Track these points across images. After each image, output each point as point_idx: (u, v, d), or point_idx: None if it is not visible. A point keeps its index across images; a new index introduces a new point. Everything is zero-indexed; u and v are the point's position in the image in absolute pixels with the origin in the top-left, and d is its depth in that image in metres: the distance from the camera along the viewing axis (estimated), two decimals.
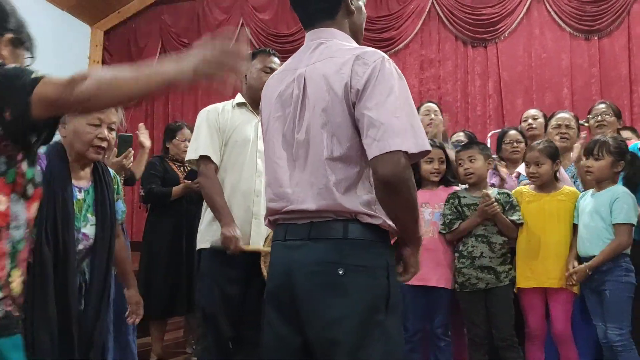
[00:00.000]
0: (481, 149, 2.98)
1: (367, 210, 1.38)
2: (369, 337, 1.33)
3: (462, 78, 6.05)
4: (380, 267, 1.38)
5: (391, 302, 1.37)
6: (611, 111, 3.38)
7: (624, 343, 2.54)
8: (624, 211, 2.60)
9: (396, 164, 1.29)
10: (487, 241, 2.83)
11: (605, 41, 5.70)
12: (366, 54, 1.40)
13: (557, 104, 5.55)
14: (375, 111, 1.33)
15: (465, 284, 2.82)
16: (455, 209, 2.92)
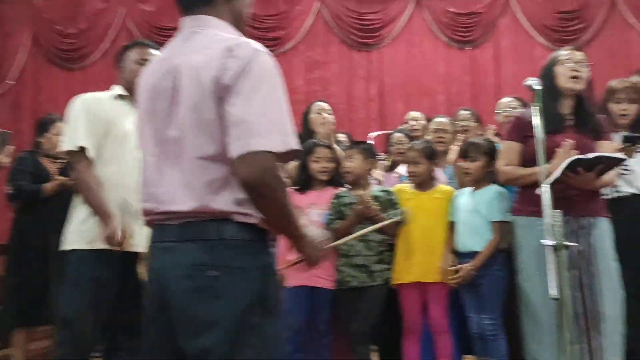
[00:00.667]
0: (361, 148, 3.05)
1: (241, 209, 1.32)
2: (243, 341, 1.28)
3: (347, 81, 6.22)
4: (255, 267, 1.33)
5: (269, 303, 1.33)
6: (473, 117, 3.68)
7: (495, 332, 2.73)
8: (500, 209, 2.80)
9: (257, 165, 1.24)
10: (364, 239, 2.89)
11: (476, 52, 6.15)
12: (239, 46, 1.32)
13: (434, 109, 5.89)
14: (240, 108, 1.26)
15: (341, 281, 2.88)
16: (337, 209, 2.97)
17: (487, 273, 2.77)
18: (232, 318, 1.28)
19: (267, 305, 1.32)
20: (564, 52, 2.67)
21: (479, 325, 2.77)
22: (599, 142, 2.58)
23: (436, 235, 2.94)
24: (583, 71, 2.58)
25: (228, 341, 1.27)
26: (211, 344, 1.27)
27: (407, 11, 6.13)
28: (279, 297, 1.41)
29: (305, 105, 6.03)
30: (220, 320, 1.27)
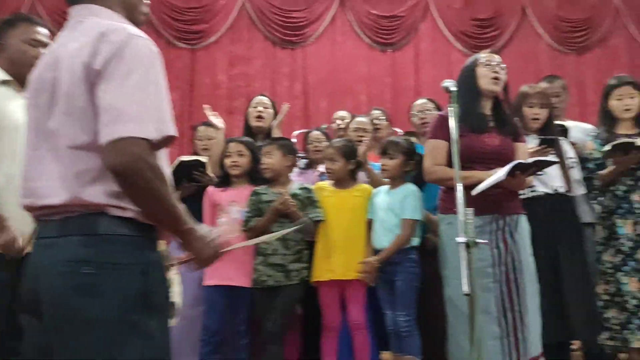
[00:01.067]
0: (280, 144, 3.03)
1: (116, 202, 1.26)
2: (124, 341, 1.22)
3: (271, 78, 6.18)
4: (136, 263, 1.27)
5: (152, 301, 1.27)
6: (384, 116, 3.79)
7: (409, 328, 2.79)
8: (411, 207, 2.86)
9: (127, 152, 1.19)
10: (282, 238, 2.86)
11: (397, 54, 6.31)
12: (113, 31, 1.27)
13: (356, 108, 5.96)
14: (111, 93, 1.22)
15: (257, 280, 2.85)
16: (255, 206, 2.94)
17: (401, 270, 2.82)
18: (110, 317, 1.21)
19: (151, 303, 1.26)
20: (484, 54, 2.75)
21: (394, 322, 2.82)
22: (517, 144, 2.67)
23: (355, 233, 2.96)
24: (501, 73, 2.66)
25: (106, 341, 1.21)
26: (88, 345, 1.21)
27: (331, 11, 6.18)
28: (165, 295, 1.35)
29: (227, 101, 6.01)
30: (98, 319, 1.21)
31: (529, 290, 2.53)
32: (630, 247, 3.03)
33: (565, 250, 2.94)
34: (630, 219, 3.05)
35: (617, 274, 3.03)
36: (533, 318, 2.52)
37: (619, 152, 2.98)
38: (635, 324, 2.97)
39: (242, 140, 3.13)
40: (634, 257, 3.01)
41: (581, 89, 6.30)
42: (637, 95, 3.16)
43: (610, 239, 3.09)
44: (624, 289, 3.00)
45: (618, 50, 6.44)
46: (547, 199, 2.98)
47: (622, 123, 3.20)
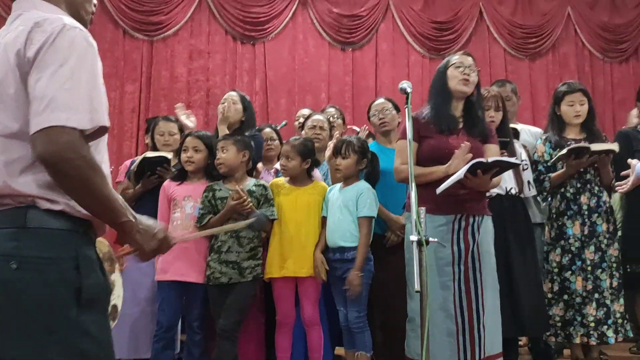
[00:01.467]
0: (235, 139, 3.02)
1: (47, 194, 1.24)
2: (55, 339, 1.18)
3: (231, 73, 6.13)
4: (66, 258, 1.23)
5: (86, 296, 1.23)
6: (339, 115, 3.84)
7: (360, 325, 2.83)
8: (367, 205, 2.90)
9: (56, 141, 1.17)
10: (236, 235, 2.87)
11: (357, 53, 6.35)
12: (46, 21, 1.26)
13: (316, 107, 5.98)
14: (43, 82, 1.20)
15: (210, 277, 2.84)
16: (209, 202, 2.92)
17: (352, 268, 2.85)
18: (38, 314, 1.18)
19: (84, 298, 1.23)
20: (456, 56, 2.79)
21: (346, 318, 2.86)
22: (486, 145, 2.72)
23: (310, 231, 2.99)
24: (472, 75, 2.70)
25: (31, 340, 1.17)
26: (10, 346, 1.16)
27: (292, 8, 6.17)
28: (102, 289, 1.31)
29: (186, 95, 5.93)
30: (20, 320, 1.17)
31: (489, 290, 2.58)
32: (577, 247, 3.16)
33: (516, 250, 3.04)
34: (578, 220, 3.19)
35: (563, 272, 3.16)
36: (492, 318, 2.56)
37: (572, 156, 3.11)
38: (578, 321, 3.11)
39: (200, 135, 3.10)
40: (581, 257, 3.14)
41: (533, 93, 6.51)
42: (586, 102, 3.30)
43: (558, 239, 3.22)
44: (571, 287, 3.13)
45: (568, 57, 6.68)
46: (500, 200, 3.08)
47: (571, 128, 3.34)
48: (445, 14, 6.49)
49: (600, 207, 3.21)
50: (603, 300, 3.12)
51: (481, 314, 2.54)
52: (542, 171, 3.31)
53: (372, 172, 3.07)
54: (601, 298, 3.12)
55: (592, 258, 3.15)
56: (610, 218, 3.26)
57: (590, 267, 3.14)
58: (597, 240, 3.17)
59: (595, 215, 3.19)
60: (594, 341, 3.11)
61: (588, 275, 3.13)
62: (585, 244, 3.16)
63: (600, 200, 3.22)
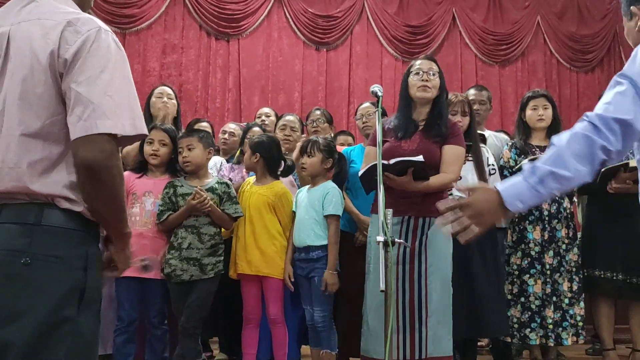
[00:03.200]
0: (200, 137, 2.99)
1: (68, 194, 1.25)
2: (52, 335, 1.20)
3: (204, 68, 6.11)
4: (76, 257, 1.25)
5: (87, 296, 1.25)
6: (324, 118, 3.82)
7: (326, 323, 2.86)
8: (333, 204, 2.92)
9: (101, 148, 1.19)
10: (197, 232, 2.86)
11: (332, 54, 6.40)
12: (80, 21, 1.26)
13: (289, 105, 6.02)
14: (86, 87, 1.20)
15: (171, 275, 2.82)
16: (169, 199, 2.88)
17: (319, 267, 2.88)
18: (42, 310, 1.19)
19: (85, 298, 1.25)
20: (417, 61, 2.82)
21: (312, 317, 2.89)
22: (444, 147, 2.70)
23: (276, 229, 3.00)
24: (432, 79, 2.71)
25: (35, 334, 1.18)
26: (14, 337, 1.17)
27: (267, 6, 6.18)
28: (99, 290, 1.33)
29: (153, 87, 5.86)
30: (26, 312, 1.18)
31: (436, 292, 2.57)
32: (537, 251, 3.25)
33: (478, 253, 3.10)
34: (539, 225, 3.28)
35: (523, 275, 3.26)
36: (439, 320, 2.56)
37: None
38: (538, 322, 3.20)
39: (166, 128, 3.05)
40: (540, 261, 3.24)
41: (502, 99, 6.65)
42: (550, 107, 3.39)
43: (519, 243, 3.30)
44: (529, 290, 3.23)
45: (536, 65, 6.85)
46: None
47: (536, 134, 3.43)
48: (419, 18, 6.58)
49: (560, 213, 3.31)
50: (560, 304, 3.21)
51: (424, 314, 2.54)
52: (508, 177, 3.39)
53: (340, 172, 3.10)
54: (559, 301, 3.21)
55: (551, 262, 3.24)
56: (570, 224, 3.35)
57: (549, 271, 3.23)
58: (556, 245, 3.27)
59: (556, 221, 3.29)
60: (552, 342, 3.21)
61: (547, 279, 3.22)
62: (545, 248, 3.25)
63: (560, 207, 3.32)
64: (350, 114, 6.17)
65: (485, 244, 3.15)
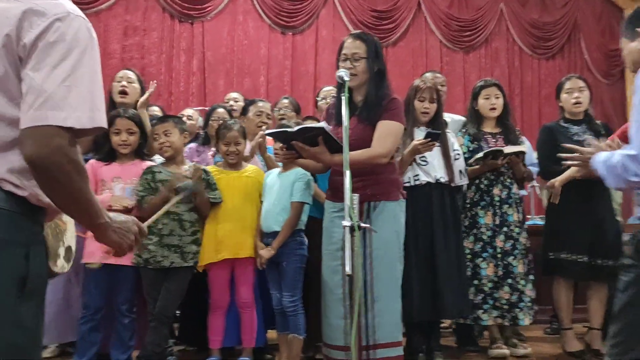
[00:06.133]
0: (176, 122, 2.98)
1: (14, 179, 1.17)
2: None
3: (167, 51, 5.99)
4: (18, 243, 1.17)
5: (30, 286, 1.17)
6: (292, 106, 3.81)
7: (294, 308, 2.87)
8: (301, 191, 2.92)
9: (47, 142, 1.11)
10: (178, 219, 2.85)
11: (298, 38, 6.35)
12: (48, 3, 1.17)
13: (255, 89, 5.97)
14: (42, 74, 1.13)
15: (150, 260, 2.80)
16: (149, 184, 2.86)
17: (287, 251, 2.88)
18: None
19: (28, 287, 1.17)
20: (345, 41, 2.71)
21: (280, 302, 2.90)
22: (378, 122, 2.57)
23: (245, 214, 2.99)
24: (355, 66, 2.59)
25: None
26: None
27: None
28: (44, 279, 1.26)
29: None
30: None
31: (382, 278, 2.52)
32: (489, 235, 3.35)
33: (440, 236, 3.17)
34: (490, 211, 3.37)
35: (475, 259, 3.34)
36: (387, 305, 2.52)
37: (490, 156, 3.28)
38: (489, 304, 3.29)
39: (131, 116, 3.00)
40: (492, 245, 3.33)
41: (466, 85, 6.73)
42: (501, 96, 3.49)
43: (471, 228, 3.39)
44: (482, 273, 3.31)
45: (499, 51, 6.95)
46: (428, 188, 3.20)
47: (488, 122, 3.52)
48: (385, 3, 6.58)
49: (510, 198, 3.41)
50: (516, 285, 3.32)
51: (370, 301, 2.49)
52: None
53: None
54: (514, 283, 3.32)
55: (502, 246, 3.34)
56: (520, 208, 3.46)
57: (500, 255, 3.32)
58: (508, 229, 3.36)
59: (506, 206, 3.39)
60: (507, 322, 3.32)
61: (499, 262, 3.32)
62: (497, 232, 3.35)
63: (510, 192, 3.42)
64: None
65: (449, 227, 3.22)
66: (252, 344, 2.99)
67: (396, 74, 6.41)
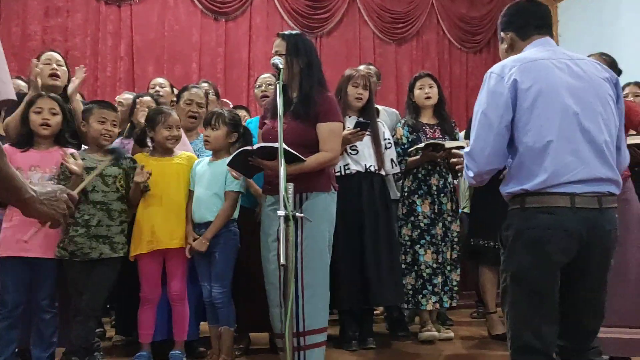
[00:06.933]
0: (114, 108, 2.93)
1: None
2: None
3: (93, 34, 5.72)
4: None
5: None
6: (214, 91, 3.79)
7: (224, 300, 2.82)
8: (235, 180, 2.87)
9: None
10: (106, 209, 2.75)
11: (231, 24, 6.23)
12: None
13: (186, 77, 5.81)
14: None
15: (76, 253, 2.69)
16: (71, 173, 2.70)
17: (220, 242, 2.84)
18: None
19: None
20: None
21: (210, 294, 2.85)
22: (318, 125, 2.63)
23: (177, 202, 2.92)
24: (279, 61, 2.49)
25: None
26: None
27: None
28: None
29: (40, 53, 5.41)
30: None
31: (312, 266, 2.56)
32: (426, 223, 3.46)
33: (371, 224, 3.24)
34: (428, 199, 3.48)
35: (414, 246, 3.44)
36: (316, 293, 2.56)
37: (430, 148, 3.37)
38: (428, 289, 3.40)
39: (54, 97, 2.86)
40: (429, 232, 3.44)
41: (398, 76, 6.86)
42: (435, 86, 3.62)
43: (409, 216, 3.49)
44: (420, 260, 3.42)
45: (430, 44, 7.12)
46: (358, 177, 3.25)
47: (425, 112, 3.64)
48: None
49: (446, 187, 3.55)
50: (444, 270, 3.47)
51: (300, 288, 2.53)
52: (400, 153, 3.54)
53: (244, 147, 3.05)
54: (443, 268, 3.46)
55: (440, 233, 3.47)
56: (454, 197, 3.61)
57: (438, 242, 3.45)
58: (443, 217, 3.50)
59: (442, 195, 3.52)
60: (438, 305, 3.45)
61: (436, 249, 3.43)
62: (434, 220, 3.46)
63: (446, 182, 3.57)
64: (250, 87, 6.07)
65: (379, 215, 3.28)
66: (183, 337, 2.94)
67: (330, 63, 6.43)
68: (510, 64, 1.87)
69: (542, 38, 1.97)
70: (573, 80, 1.83)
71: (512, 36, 2.03)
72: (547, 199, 1.76)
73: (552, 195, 1.76)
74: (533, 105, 1.79)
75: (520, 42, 2.00)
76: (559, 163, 1.75)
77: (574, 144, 1.77)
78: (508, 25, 2.04)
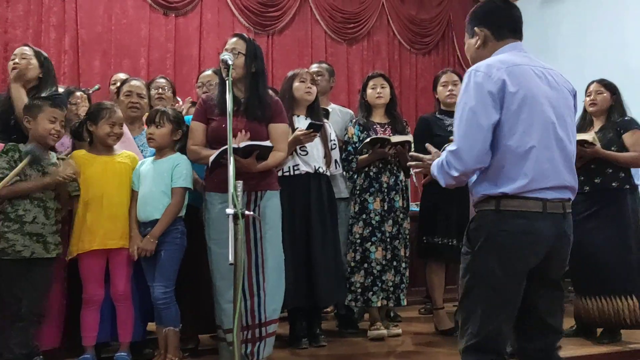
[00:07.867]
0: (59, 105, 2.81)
1: None
2: None
3: (35, 26, 5.50)
4: None
5: None
6: (170, 86, 3.74)
7: (167, 300, 2.75)
8: (183, 176, 2.83)
9: None
10: (43, 206, 2.66)
11: (181, 20, 6.13)
12: None
13: (135, 72, 5.67)
14: None
15: (7, 250, 2.57)
16: (15, 162, 2.62)
17: (167, 240, 2.79)
18: None
19: None
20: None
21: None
22: (270, 125, 2.80)
23: (118, 201, 2.84)
24: (235, 62, 2.56)
25: None
26: None
27: None
28: None
29: None
30: None
31: (270, 260, 2.75)
32: (377, 220, 3.50)
33: (317, 223, 3.26)
34: (379, 197, 3.52)
35: (365, 243, 3.48)
36: (274, 285, 2.76)
37: (378, 144, 3.42)
38: (378, 286, 3.44)
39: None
40: (380, 230, 3.48)
41: (349, 76, 6.92)
42: (387, 86, 3.67)
43: (361, 213, 3.52)
44: (371, 257, 3.46)
45: (380, 45, 7.21)
46: (307, 177, 3.27)
47: (377, 111, 3.69)
48: None
49: (397, 185, 3.60)
50: (399, 268, 3.51)
51: (261, 281, 2.72)
52: (351, 151, 3.58)
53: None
54: (398, 266, 3.51)
55: (390, 230, 3.51)
56: (405, 195, 3.67)
57: (389, 239, 3.50)
58: (395, 214, 3.55)
59: (394, 192, 3.56)
60: (392, 303, 3.50)
61: (387, 246, 3.48)
62: (385, 218, 3.51)
63: (397, 179, 3.61)
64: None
65: (325, 214, 3.31)
66: (128, 338, 2.86)
67: (282, 62, 6.42)
68: (496, 65, 1.83)
69: (516, 42, 1.96)
70: (549, 89, 1.86)
71: (487, 33, 1.97)
72: (523, 203, 1.78)
73: (528, 200, 1.78)
74: (520, 109, 1.79)
75: (495, 42, 1.96)
76: (538, 169, 1.78)
77: (551, 151, 1.81)
78: (483, 22, 1.98)
